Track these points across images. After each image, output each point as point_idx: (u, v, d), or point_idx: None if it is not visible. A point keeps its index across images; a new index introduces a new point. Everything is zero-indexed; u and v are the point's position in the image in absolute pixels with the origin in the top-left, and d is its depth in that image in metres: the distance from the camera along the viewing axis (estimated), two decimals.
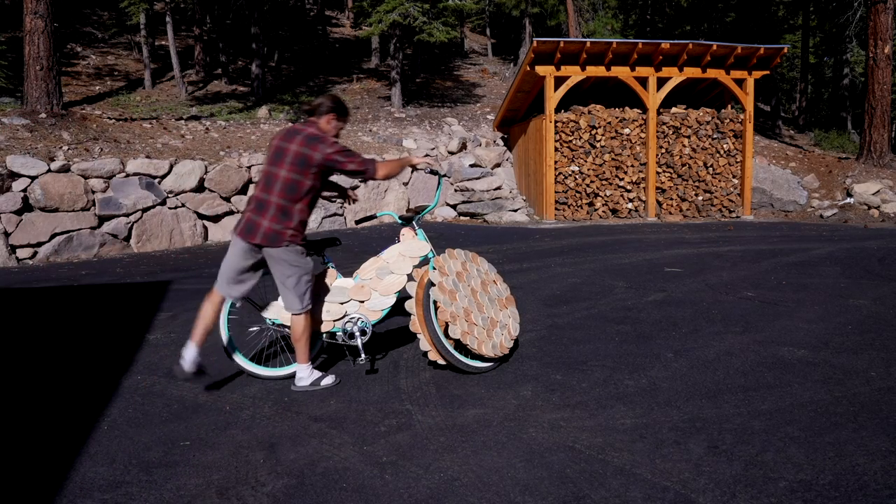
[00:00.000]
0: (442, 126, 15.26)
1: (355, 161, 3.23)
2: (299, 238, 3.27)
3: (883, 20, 13.89)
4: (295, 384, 3.45)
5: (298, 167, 3.18)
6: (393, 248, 3.66)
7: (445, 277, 3.60)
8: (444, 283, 3.58)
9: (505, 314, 3.83)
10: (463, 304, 3.62)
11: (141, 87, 14.76)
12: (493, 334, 3.69)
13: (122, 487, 2.46)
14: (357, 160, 3.25)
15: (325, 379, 3.47)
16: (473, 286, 3.74)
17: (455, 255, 3.75)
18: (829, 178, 14.12)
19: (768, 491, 2.30)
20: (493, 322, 3.73)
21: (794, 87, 26.49)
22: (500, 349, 3.69)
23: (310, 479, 2.49)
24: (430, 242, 3.71)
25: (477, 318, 3.66)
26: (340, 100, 3.41)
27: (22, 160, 8.69)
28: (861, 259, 7.08)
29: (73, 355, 4.22)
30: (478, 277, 3.79)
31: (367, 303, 3.60)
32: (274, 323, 3.64)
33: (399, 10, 15.08)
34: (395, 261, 3.63)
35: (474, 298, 3.70)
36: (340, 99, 3.42)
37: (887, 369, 3.53)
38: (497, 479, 2.45)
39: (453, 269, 3.67)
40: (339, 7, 25.74)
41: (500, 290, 3.90)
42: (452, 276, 3.65)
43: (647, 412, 3.05)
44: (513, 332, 3.80)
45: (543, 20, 25.52)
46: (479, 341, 3.61)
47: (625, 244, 8.64)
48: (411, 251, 3.63)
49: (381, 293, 3.60)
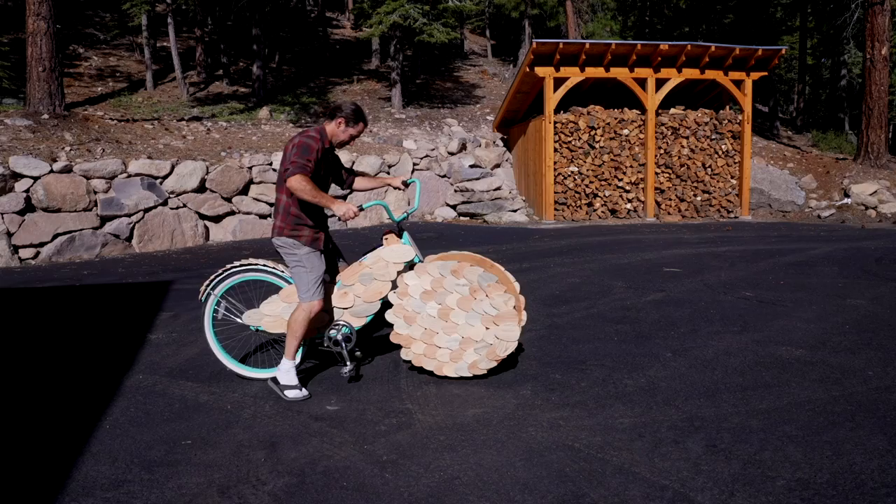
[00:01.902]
0: (442, 127, 15.29)
1: (295, 161, 3.18)
2: (288, 230, 3.30)
3: (880, 22, 13.92)
4: (275, 378, 3.39)
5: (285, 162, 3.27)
6: (375, 252, 3.54)
7: (405, 299, 3.51)
8: (402, 305, 3.52)
9: (491, 333, 3.45)
10: (425, 325, 3.50)
11: (143, 89, 14.78)
12: (465, 355, 3.49)
13: (124, 486, 2.48)
14: (295, 160, 3.17)
15: (294, 391, 3.33)
16: (448, 303, 3.49)
17: (427, 270, 3.52)
18: (826, 178, 14.15)
19: (766, 489, 2.32)
20: (467, 342, 3.48)
21: (791, 88, 26.53)
22: (470, 370, 3.49)
23: (310, 477, 2.51)
24: (415, 246, 3.57)
25: (441, 339, 3.49)
26: (354, 105, 3.41)
27: (24, 161, 8.71)
28: (858, 259, 7.10)
29: (75, 355, 4.23)
30: (455, 293, 3.48)
31: (350, 309, 3.51)
32: (257, 330, 3.63)
33: (399, 12, 15.10)
34: (379, 266, 3.49)
35: (444, 318, 3.50)
36: (355, 104, 3.42)
37: (884, 369, 3.55)
38: (497, 478, 2.47)
39: (419, 287, 3.51)
40: (340, 8, 25.77)
41: (492, 303, 3.44)
42: (416, 296, 3.51)
43: (646, 411, 3.07)
44: (498, 352, 3.44)
45: (543, 21, 25.57)
46: (439, 364, 3.52)
47: (624, 244, 8.66)
48: (395, 256, 3.49)
49: (364, 300, 3.50)
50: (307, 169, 3.19)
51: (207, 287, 3.58)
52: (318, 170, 3.31)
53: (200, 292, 3.61)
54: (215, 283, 3.58)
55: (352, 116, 3.37)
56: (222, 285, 3.59)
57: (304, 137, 3.26)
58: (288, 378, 3.35)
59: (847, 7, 18.45)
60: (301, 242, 3.31)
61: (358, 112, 3.40)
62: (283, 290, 3.58)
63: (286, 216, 3.31)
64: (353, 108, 3.39)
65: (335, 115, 3.37)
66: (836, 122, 21.77)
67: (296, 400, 3.31)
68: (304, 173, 3.17)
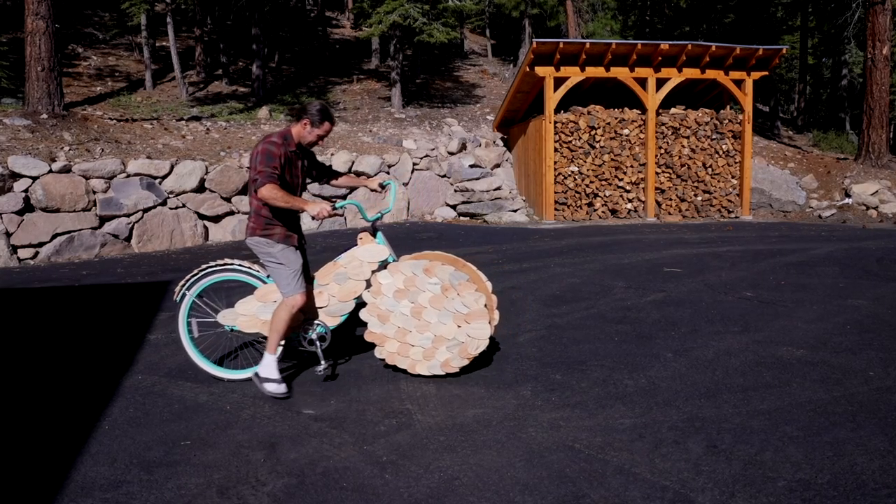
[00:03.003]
0: (442, 126, 15.28)
1: (262, 171, 3.21)
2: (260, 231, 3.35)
3: (881, 21, 13.91)
4: (257, 372, 3.39)
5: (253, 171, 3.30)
6: (350, 252, 3.57)
7: (379, 297, 3.55)
8: (376, 303, 3.55)
9: (463, 331, 3.50)
10: (398, 323, 3.55)
11: (142, 88, 14.77)
12: (437, 354, 3.54)
13: (123, 487, 2.47)
14: (262, 170, 3.20)
15: (273, 385, 3.34)
16: (420, 302, 3.53)
17: (399, 269, 3.55)
18: (827, 178, 14.14)
19: (767, 490, 2.31)
20: (439, 340, 3.53)
21: (792, 87, 26.51)
22: (442, 368, 3.54)
23: (310, 478, 2.50)
24: (389, 246, 3.59)
25: (414, 338, 3.55)
26: (319, 106, 3.41)
27: (23, 161, 8.70)
28: (859, 259, 7.09)
29: (74, 355, 4.23)
30: (428, 292, 3.52)
31: (325, 308, 3.55)
32: (232, 330, 3.62)
33: (399, 11, 15.09)
34: (353, 266, 3.53)
35: (417, 316, 3.53)
36: (320, 105, 3.43)
37: (885, 369, 3.54)
38: (497, 479, 2.46)
39: (392, 286, 3.55)
40: (340, 8, 25.76)
41: (464, 302, 3.48)
42: (389, 295, 3.55)
43: (647, 412, 3.06)
44: (470, 350, 3.48)
45: (543, 21, 25.55)
46: (412, 362, 3.57)
47: (624, 244, 8.65)
48: (369, 256, 3.53)
49: (339, 299, 3.53)
50: (274, 177, 3.23)
51: (182, 287, 3.56)
52: (285, 173, 3.34)
53: (175, 293, 3.58)
54: (190, 284, 3.57)
55: (317, 117, 3.38)
56: (197, 285, 3.57)
57: (266, 144, 3.28)
58: (269, 371, 3.37)
59: (848, 6, 18.44)
60: (274, 240, 3.36)
61: (323, 112, 3.40)
62: (258, 289, 3.58)
63: (258, 217, 3.37)
64: (318, 109, 3.39)
65: (301, 116, 3.40)
66: (837, 121, 21.77)
67: (275, 394, 3.33)
68: (273, 182, 3.21)
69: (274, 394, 3.33)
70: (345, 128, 14.40)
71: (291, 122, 3.45)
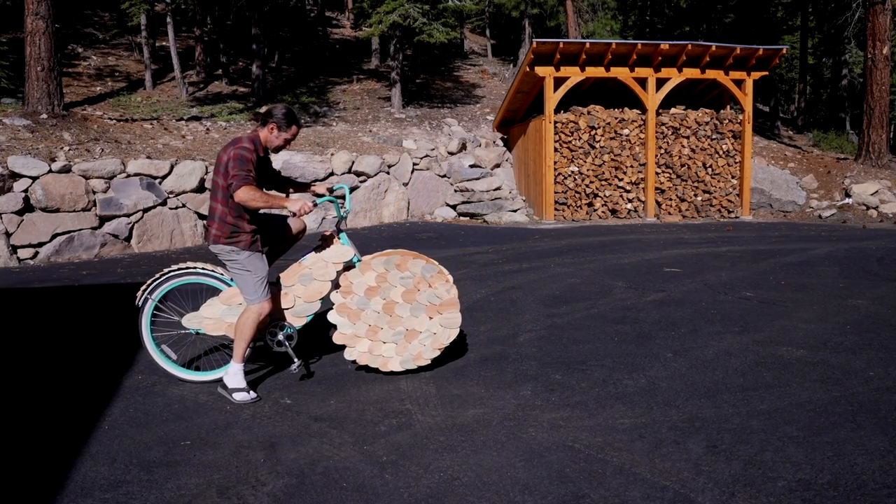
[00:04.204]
0: (442, 127, 15.28)
1: (236, 174, 3.16)
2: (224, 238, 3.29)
3: (881, 21, 13.91)
4: (223, 381, 3.37)
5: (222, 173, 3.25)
6: (314, 253, 3.58)
7: (349, 297, 3.56)
8: (346, 303, 3.55)
9: (434, 322, 3.60)
10: (369, 321, 3.57)
11: (142, 88, 14.77)
12: (410, 347, 3.60)
13: (123, 487, 2.47)
14: (236, 174, 3.16)
15: (242, 395, 3.32)
16: (392, 297, 3.58)
17: (371, 265, 3.58)
18: (827, 178, 14.14)
19: (767, 490, 2.31)
20: (411, 334, 3.60)
21: (792, 87, 26.52)
22: (414, 362, 3.61)
23: (310, 478, 2.50)
24: (354, 247, 3.60)
25: (387, 334, 3.59)
26: (285, 109, 3.36)
27: (23, 161, 8.70)
28: (859, 259, 7.09)
29: (74, 355, 4.22)
30: (399, 286, 3.58)
31: (291, 309, 3.56)
32: (197, 333, 3.61)
33: (399, 11, 15.09)
34: (318, 267, 3.54)
35: (389, 312, 3.58)
36: (285, 108, 3.37)
37: (886, 369, 3.54)
38: (497, 479, 2.46)
39: (363, 284, 3.56)
40: (340, 8, 25.76)
41: (435, 293, 3.58)
42: (360, 293, 3.56)
43: (647, 412, 3.06)
44: (442, 340, 3.60)
45: (543, 21, 25.55)
46: (384, 360, 3.59)
47: (624, 244, 8.65)
48: (334, 257, 3.54)
49: (305, 300, 3.54)
50: (250, 179, 3.18)
51: (145, 292, 3.53)
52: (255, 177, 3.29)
53: (137, 297, 3.54)
54: (153, 288, 3.54)
55: (283, 120, 3.33)
56: (160, 289, 3.55)
57: (238, 149, 3.22)
58: (236, 381, 3.34)
59: (848, 6, 18.44)
60: (240, 248, 3.31)
61: (289, 116, 3.35)
62: (223, 292, 3.57)
63: (223, 225, 3.29)
64: (284, 113, 3.34)
65: (267, 121, 3.33)
66: (837, 121, 21.77)
67: (243, 403, 3.30)
68: (249, 184, 3.17)
69: (241, 402, 3.30)
70: (345, 128, 14.41)
71: (257, 127, 3.37)
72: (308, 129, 14.00)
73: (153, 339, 3.61)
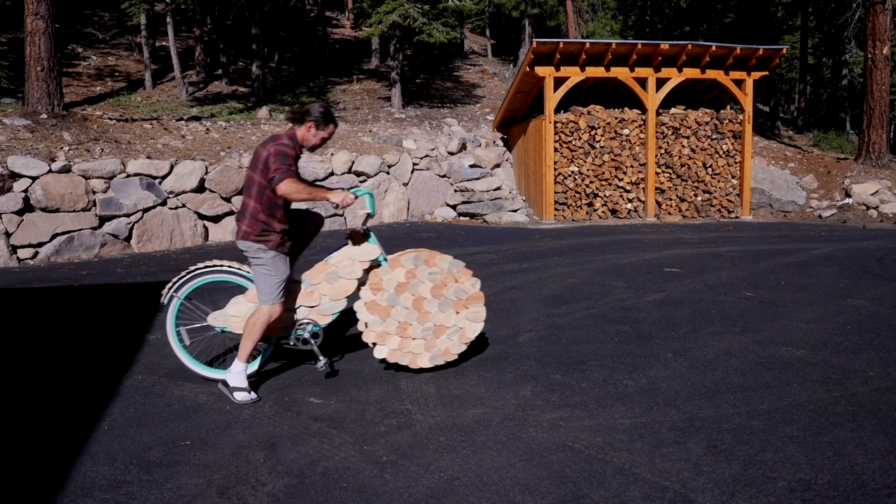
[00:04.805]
0: (442, 126, 15.28)
1: (279, 168, 3.19)
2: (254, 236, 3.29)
3: (881, 21, 13.91)
4: (225, 380, 3.36)
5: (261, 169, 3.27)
6: (341, 251, 3.60)
7: (380, 293, 3.57)
8: (377, 300, 3.56)
9: (461, 317, 3.66)
10: (399, 318, 3.58)
11: (141, 88, 14.77)
12: (438, 342, 3.63)
13: (123, 487, 2.47)
14: (278, 167, 3.18)
15: (243, 394, 3.31)
16: (421, 293, 3.60)
17: (400, 262, 3.59)
18: (827, 178, 14.14)
19: (767, 490, 2.31)
20: (440, 329, 3.63)
21: (792, 87, 26.52)
22: (443, 357, 3.63)
23: (310, 478, 2.50)
24: (380, 246, 3.62)
25: (416, 330, 3.60)
26: (322, 108, 3.38)
27: (23, 161, 8.69)
28: (860, 259, 7.09)
29: (74, 355, 4.22)
30: (428, 282, 3.62)
31: (317, 307, 3.56)
32: (223, 331, 3.60)
33: (399, 11, 15.09)
34: (345, 265, 3.55)
35: (418, 308, 3.60)
36: (322, 107, 3.39)
37: (886, 369, 3.54)
38: (497, 479, 2.46)
39: (394, 280, 3.58)
40: (340, 8, 25.76)
41: (462, 288, 3.65)
42: (390, 290, 3.58)
43: (647, 412, 3.06)
44: (469, 334, 3.65)
45: (543, 21, 25.55)
46: (413, 356, 3.61)
47: (624, 244, 8.65)
48: (360, 255, 3.56)
49: (331, 298, 3.55)
50: (292, 172, 3.22)
51: (170, 290, 3.53)
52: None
53: (163, 295, 3.54)
54: (179, 286, 3.54)
55: (321, 119, 3.35)
56: (186, 287, 3.55)
57: (278, 145, 3.24)
58: (238, 381, 3.33)
59: (848, 6, 18.44)
60: (268, 247, 3.30)
61: (327, 114, 3.37)
62: (248, 290, 3.57)
63: (254, 221, 3.30)
64: (322, 111, 3.36)
65: (304, 119, 3.34)
66: (837, 121, 21.77)
67: (244, 403, 3.30)
68: (291, 177, 3.20)
69: (242, 402, 3.30)
70: (345, 128, 14.40)
71: (294, 126, 3.38)
72: None
73: (178, 339, 3.60)
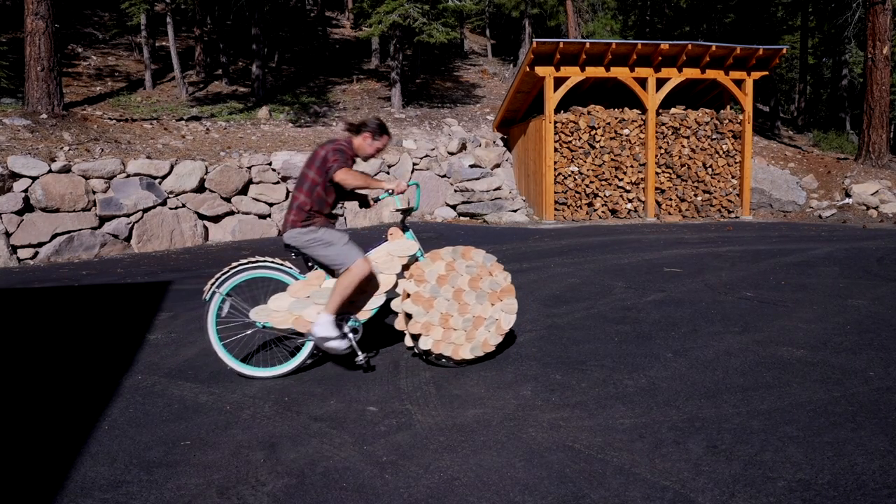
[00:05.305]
0: (442, 126, 15.27)
1: (336, 159, 3.46)
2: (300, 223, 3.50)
3: (881, 21, 13.91)
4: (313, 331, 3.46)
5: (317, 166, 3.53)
6: (380, 247, 3.66)
7: (423, 285, 3.62)
8: (420, 291, 3.61)
9: (496, 308, 3.76)
10: (441, 309, 3.64)
11: (141, 88, 14.77)
12: (477, 334, 3.71)
13: (123, 487, 2.47)
14: (336, 159, 3.46)
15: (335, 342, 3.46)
16: (459, 285, 3.69)
17: (440, 255, 3.70)
18: (827, 178, 14.14)
19: (767, 490, 2.31)
20: (478, 321, 3.72)
21: (792, 87, 26.53)
22: (482, 348, 3.72)
23: (310, 478, 2.50)
24: (418, 241, 3.72)
25: (457, 321, 3.67)
26: (378, 121, 3.70)
27: (23, 161, 8.70)
28: (860, 259, 7.09)
29: (74, 355, 4.22)
30: (466, 275, 3.72)
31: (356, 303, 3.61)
32: (265, 326, 3.62)
33: (399, 11, 15.09)
34: (384, 261, 3.63)
35: (458, 299, 3.68)
36: (378, 120, 3.71)
37: (886, 369, 3.54)
38: (497, 479, 2.45)
39: (435, 272, 3.65)
40: (340, 8, 25.76)
41: (496, 281, 3.78)
42: (432, 281, 3.64)
43: (647, 412, 3.06)
44: (504, 326, 3.76)
45: (543, 21, 25.56)
46: (455, 347, 3.66)
47: (624, 244, 8.65)
48: (399, 251, 3.64)
49: (370, 293, 3.61)
50: (349, 164, 3.51)
51: (213, 285, 3.55)
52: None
53: (205, 291, 3.57)
54: (221, 282, 3.56)
55: (377, 130, 3.64)
56: (228, 283, 3.56)
57: (337, 145, 3.54)
58: (327, 329, 3.45)
59: (848, 6, 18.45)
60: (315, 226, 3.52)
61: (382, 126, 3.68)
62: (290, 286, 3.59)
63: (299, 212, 3.52)
64: (378, 123, 3.67)
65: (361, 130, 3.64)
66: (837, 121, 21.77)
67: (338, 350, 3.46)
68: (347, 166, 3.47)
69: (337, 349, 3.47)
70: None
71: (351, 136, 3.65)
72: (308, 129, 14.00)
73: (218, 336, 3.60)
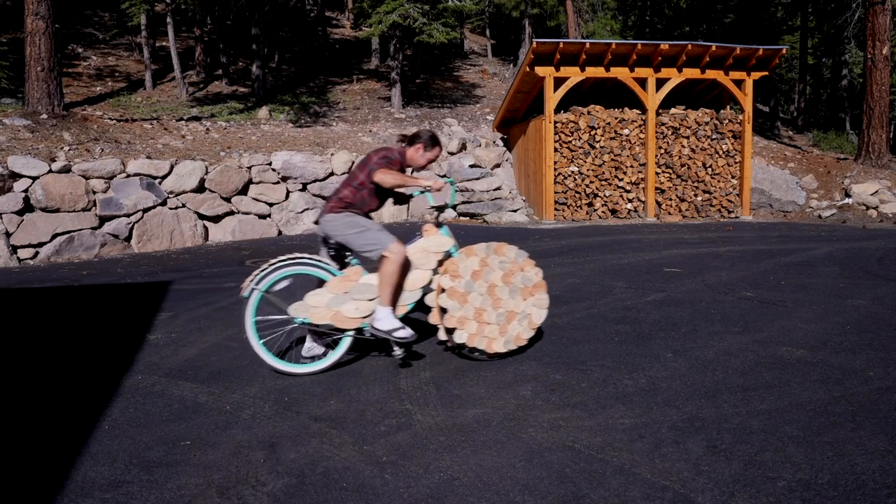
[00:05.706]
0: (442, 127, 15.27)
1: (379, 162, 3.61)
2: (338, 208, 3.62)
3: (881, 21, 13.92)
4: (372, 324, 3.56)
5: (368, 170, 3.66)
6: (416, 243, 3.70)
7: (457, 280, 3.67)
8: (455, 286, 3.65)
9: (528, 303, 3.82)
10: (476, 304, 3.70)
11: (142, 88, 14.77)
12: (510, 328, 3.78)
13: (123, 487, 2.47)
14: (379, 162, 3.61)
15: (402, 331, 3.53)
16: (493, 280, 3.75)
17: (474, 251, 3.74)
18: (827, 178, 14.14)
19: (767, 490, 2.31)
20: (511, 315, 3.78)
21: (792, 87, 26.53)
22: (515, 342, 3.80)
23: (310, 478, 2.50)
24: (453, 237, 3.76)
25: (491, 315, 3.73)
26: (430, 133, 3.84)
27: (23, 161, 8.70)
28: (859, 259, 7.09)
29: (74, 355, 4.22)
30: (499, 270, 3.77)
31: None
32: (303, 322, 3.61)
33: (399, 11, 15.09)
34: (419, 256, 3.67)
35: (491, 294, 3.74)
36: (430, 132, 3.85)
37: (885, 369, 3.54)
38: (497, 479, 2.46)
39: (469, 268, 3.70)
40: (340, 8, 25.76)
41: (527, 276, 3.82)
42: (467, 276, 3.69)
43: (647, 412, 3.06)
44: (535, 320, 3.83)
45: (543, 21, 25.56)
46: (489, 340, 3.73)
47: (624, 244, 8.65)
48: (434, 246, 3.68)
49: (406, 288, 3.66)
50: (392, 167, 3.63)
51: (251, 282, 3.55)
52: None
53: (243, 288, 3.56)
54: (260, 278, 3.56)
55: (429, 142, 3.76)
56: (267, 279, 3.57)
57: (387, 152, 3.67)
58: (390, 323, 3.53)
59: (848, 6, 18.45)
60: (350, 212, 3.63)
61: (434, 138, 3.80)
62: (328, 281, 3.61)
63: (339, 201, 3.64)
64: (430, 135, 3.79)
65: (414, 141, 3.76)
66: (837, 121, 21.78)
67: (405, 338, 3.52)
68: (388, 168, 3.59)
69: (406, 338, 3.53)
70: (345, 128, 14.41)
71: (404, 146, 3.76)
72: (308, 129, 14.00)
73: (256, 333, 3.61)
